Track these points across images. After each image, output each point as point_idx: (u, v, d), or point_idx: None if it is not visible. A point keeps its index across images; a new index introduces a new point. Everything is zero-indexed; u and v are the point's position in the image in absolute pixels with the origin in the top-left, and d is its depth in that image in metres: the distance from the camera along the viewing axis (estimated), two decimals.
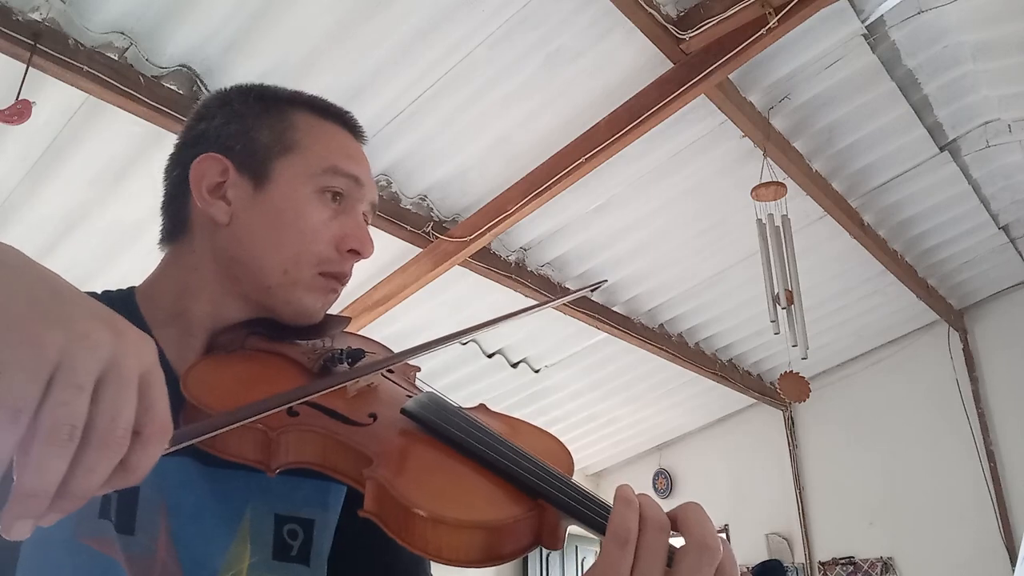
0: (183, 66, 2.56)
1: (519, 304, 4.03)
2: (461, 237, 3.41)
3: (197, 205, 0.72)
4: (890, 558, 5.37)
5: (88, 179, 2.85)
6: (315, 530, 0.70)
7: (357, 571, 0.74)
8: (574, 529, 0.59)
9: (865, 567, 5.46)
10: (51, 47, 2.29)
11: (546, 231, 3.81)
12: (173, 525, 0.63)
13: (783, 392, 4.22)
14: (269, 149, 0.74)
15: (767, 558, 6.25)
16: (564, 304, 4.09)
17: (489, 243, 3.58)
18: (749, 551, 6.01)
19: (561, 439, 0.71)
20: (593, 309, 4.30)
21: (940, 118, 3.72)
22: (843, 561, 5.56)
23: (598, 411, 5.77)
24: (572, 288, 4.20)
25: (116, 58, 2.44)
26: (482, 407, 0.74)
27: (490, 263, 3.72)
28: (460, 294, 3.96)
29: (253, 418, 0.56)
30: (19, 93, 2.27)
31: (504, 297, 3.96)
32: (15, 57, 2.26)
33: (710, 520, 0.55)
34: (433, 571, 0.80)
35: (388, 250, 3.53)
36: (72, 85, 2.39)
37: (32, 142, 2.65)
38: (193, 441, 0.52)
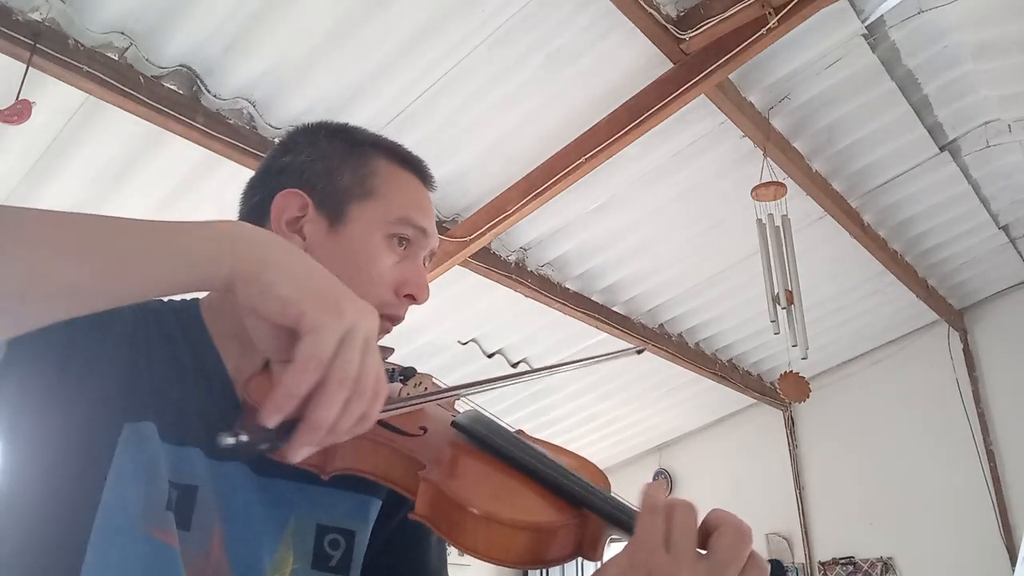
0: (183, 66, 2.56)
1: (519, 304, 4.03)
2: (461, 237, 3.41)
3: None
4: (890, 558, 5.37)
5: (88, 179, 2.85)
6: (356, 541, 0.74)
7: None
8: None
9: (865, 567, 5.46)
10: (51, 47, 2.29)
11: (546, 231, 3.81)
12: (225, 527, 0.66)
13: (783, 392, 4.22)
14: (349, 192, 0.77)
15: (767, 558, 6.29)
16: (568, 307, 4.09)
17: (489, 243, 3.58)
18: None
19: (561, 439, 0.73)
20: (593, 309, 4.30)
21: (940, 118, 3.72)
22: (843, 561, 5.56)
23: (598, 411, 5.77)
24: (571, 288, 4.20)
25: (116, 58, 2.44)
26: (521, 432, 0.77)
27: (490, 263, 3.72)
28: (460, 294, 3.96)
29: (432, 399, 0.68)
30: (19, 93, 2.27)
31: (504, 297, 3.96)
32: (15, 57, 2.26)
33: (741, 522, 0.59)
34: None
35: None
36: (72, 85, 2.39)
37: (32, 142, 2.65)
38: (396, 410, 0.63)
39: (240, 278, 0.54)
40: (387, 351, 0.83)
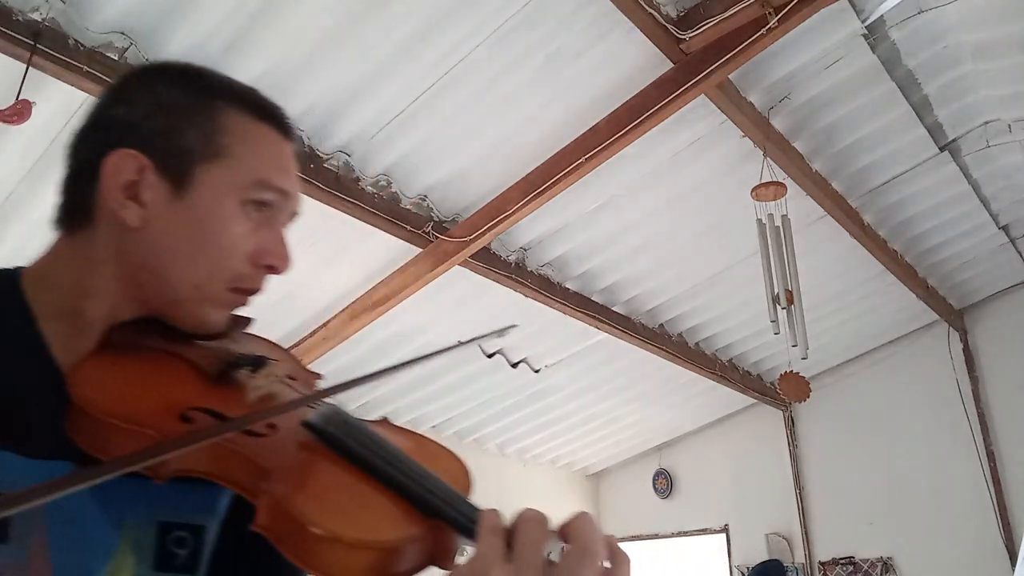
0: None
1: (519, 304, 4.03)
2: (461, 237, 3.41)
3: (105, 202, 0.66)
4: (890, 558, 5.37)
5: None
6: (205, 537, 0.68)
7: None
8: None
9: (865, 567, 5.46)
10: (51, 47, 2.29)
11: (546, 231, 3.81)
12: (51, 534, 0.59)
13: (783, 392, 4.22)
14: (194, 153, 0.67)
15: (767, 558, 6.29)
16: (568, 307, 4.09)
17: (489, 243, 3.58)
18: (749, 551, 6.02)
19: (562, 439, 0.69)
20: (593, 309, 4.30)
21: (940, 118, 3.72)
22: (843, 561, 5.56)
23: (598, 411, 5.77)
24: (571, 288, 4.21)
25: (116, 58, 2.44)
26: (385, 421, 0.72)
27: (490, 263, 3.72)
28: (460, 294, 3.96)
29: (181, 449, 0.55)
30: (19, 93, 2.27)
31: (504, 297, 3.96)
32: (15, 57, 2.26)
33: (598, 529, 0.54)
34: None
35: (388, 250, 3.53)
36: (72, 85, 2.39)
37: (32, 142, 2.65)
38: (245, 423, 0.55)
39: None
40: (244, 321, 0.75)
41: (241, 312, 0.74)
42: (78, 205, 0.67)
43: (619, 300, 4.48)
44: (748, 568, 5.93)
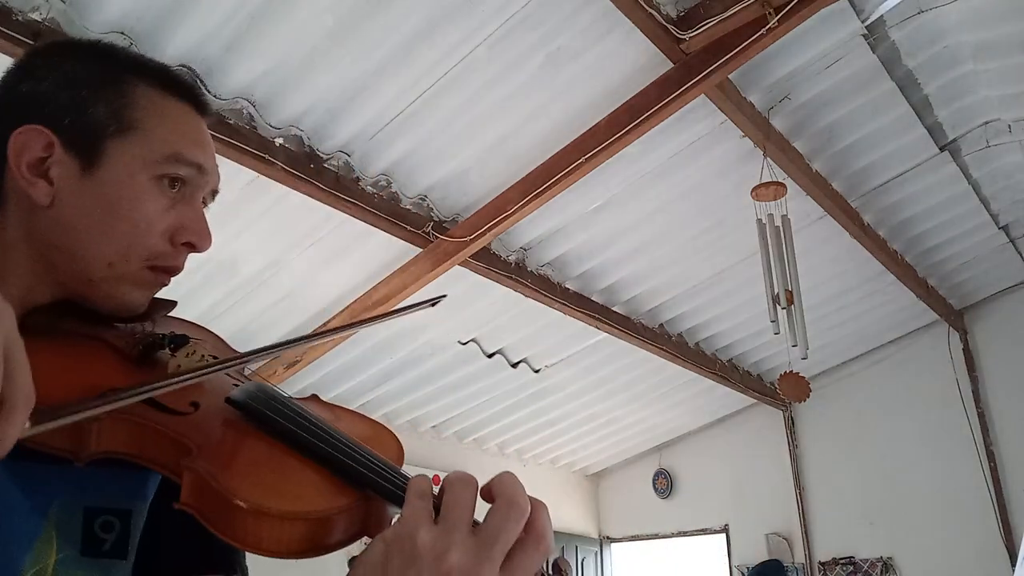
0: (183, 66, 2.56)
1: (519, 304, 4.03)
2: (461, 237, 3.41)
3: (13, 181, 0.64)
4: (890, 558, 5.37)
5: None
6: (132, 521, 0.66)
7: (169, 561, 0.69)
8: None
9: (865, 567, 5.46)
10: None
11: (546, 231, 3.81)
12: None
13: (783, 392, 4.22)
14: (104, 127, 0.65)
15: (767, 558, 6.28)
16: (568, 307, 4.09)
17: (489, 243, 3.58)
18: (749, 551, 6.02)
19: (562, 439, 0.69)
20: (593, 309, 4.30)
21: (940, 118, 3.73)
22: (843, 561, 5.56)
23: (598, 411, 5.77)
24: (571, 288, 4.20)
25: None
26: (314, 397, 0.72)
27: (490, 263, 3.72)
28: (460, 294, 3.96)
29: (104, 408, 0.53)
30: None
31: (504, 297, 3.96)
32: (15, 57, 2.26)
33: (521, 486, 0.53)
34: None
35: (388, 250, 3.53)
36: None
37: None
38: (155, 390, 0.53)
39: None
40: (167, 304, 0.73)
41: (164, 295, 0.72)
42: None
43: (619, 300, 4.48)
44: (748, 568, 5.93)
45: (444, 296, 0.71)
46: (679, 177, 3.62)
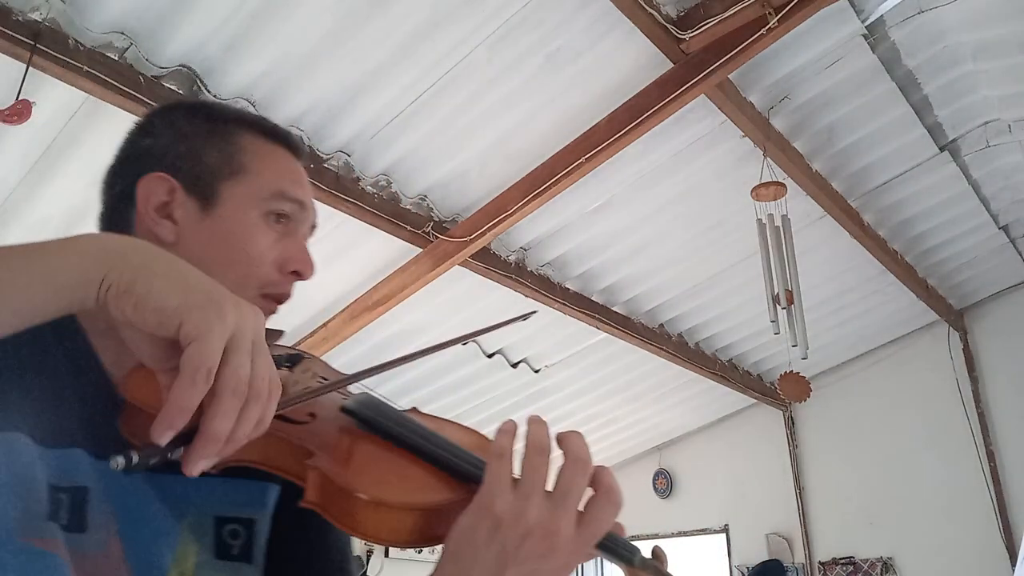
0: (183, 66, 2.56)
1: (519, 304, 4.03)
2: (461, 237, 3.41)
3: (142, 222, 0.73)
4: (890, 558, 5.37)
5: (88, 179, 2.84)
6: (255, 529, 0.73)
7: (290, 567, 0.76)
8: None
9: (865, 567, 5.46)
10: (51, 47, 2.29)
11: (546, 231, 3.81)
12: (121, 526, 0.65)
13: (783, 392, 4.22)
14: (218, 171, 0.74)
15: (767, 558, 6.28)
16: (568, 307, 4.09)
17: (489, 243, 3.58)
18: (749, 551, 6.02)
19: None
20: (593, 309, 4.30)
21: (940, 118, 3.72)
22: (843, 561, 5.56)
23: (598, 411, 5.77)
24: (571, 288, 4.21)
25: (116, 58, 2.44)
26: (414, 410, 0.78)
27: (490, 263, 3.72)
28: (460, 294, 3.96)
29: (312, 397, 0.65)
30: (19, 93, 2.27)
31: (504, 297, 3.96)
32: (15, 57, 2.26)
33: (585, 442, 0.62)
34: None
35: (388, 250, 3.53)
36: (72, 85, 2.39)
37: (32, 142, 2.65)
38: (293, 405, 0.62)
39: (112, 293, 0.51)
40: (276, 334, 0.80)
41: (273, 326, 0.79)
42: (118, 231, 0.75)
43: (619, 300, 4.48)
44: (748, 568, 5.93)
45: (535, 312, 0.84)
46: (679, 177, 3.62)
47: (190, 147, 0.75)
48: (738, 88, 3.19)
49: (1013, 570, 4.27)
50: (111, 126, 2.64)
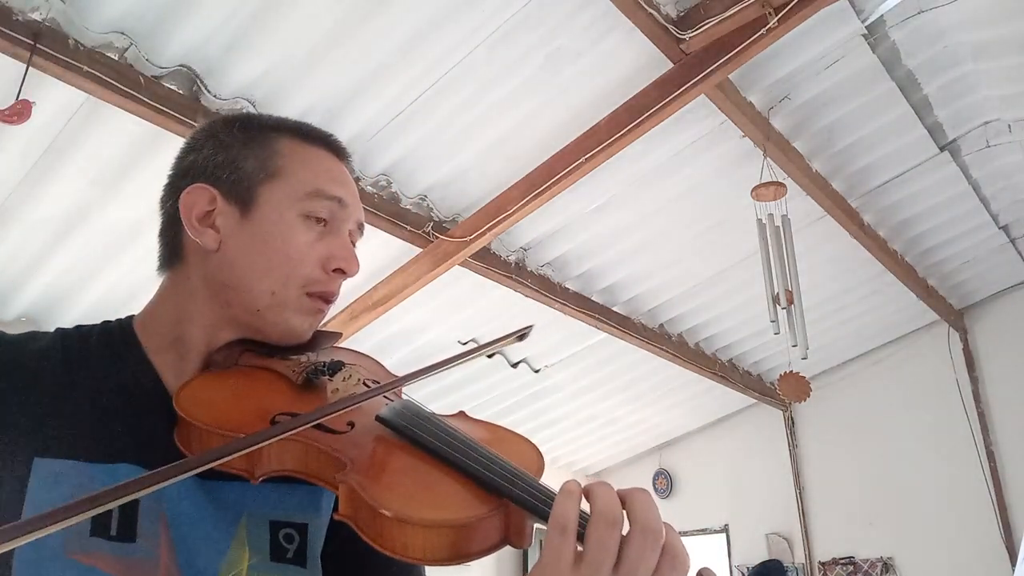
0: (183, 66, 2.56)
1: (519, 304, 4.03)
2: (461, 237, 3.41)
3: (187, 233, 0.75)
4: (890, 558, 5.37)
5: (88, 179, 2.85)
6: (309, 533, 0.74)
7: (354, 571, 0.76)
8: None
9: (865, 567, 5.46)
10: (51, 47, 2.29)
11: (546, 231, 3.81)
12: (173, 533, 0.67)
13: (783, 392, 4.21)
14: (254, 176, 0.76)
15: (767, 558, 6.27)
16: (568, 307, 4.09)
17: (489, 243, 3.58)
18: (749, 551, 6.02)
19: (562, 439, 0.72)
20: (593, 309, 4.30)
21: (940, 118, 3.72)
22: (843, 561, 5.56)
23: (598, 411, 5.77)
24: (571, 288, 4.20)
25: (116, 58, 2.44)
26: (461, 414, 0.78)
27: (490, 263, 3.72)
28: (460, 294, 3.96)
29: (265, 442, 0.60)
30: (19, 93, 2.27)
31: (504, 297, 3.96)
32: (15, 57, 2.26)
33: (655, 505, 0.57)
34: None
35: (388, 250, 3.53)
36: (72, 85, 2.39)
37: (32, 142, 2.65)
38: (203, 468, 0.58)
39: None
40: (333, 336, 0.83)
41: (329, 328, 0.82)
42: (171, 247, 0.78)
43: (619, 300, 4.48)
44: (748, 568, 5.93)
45: (532, 326, 0.80)
46: (679, 177, 3.62)
47: (228, 156, 0.77)
48: (738, 88, 3.19)
49: (1013, 570, 4.27)
50: (111, 126, 2.64)
